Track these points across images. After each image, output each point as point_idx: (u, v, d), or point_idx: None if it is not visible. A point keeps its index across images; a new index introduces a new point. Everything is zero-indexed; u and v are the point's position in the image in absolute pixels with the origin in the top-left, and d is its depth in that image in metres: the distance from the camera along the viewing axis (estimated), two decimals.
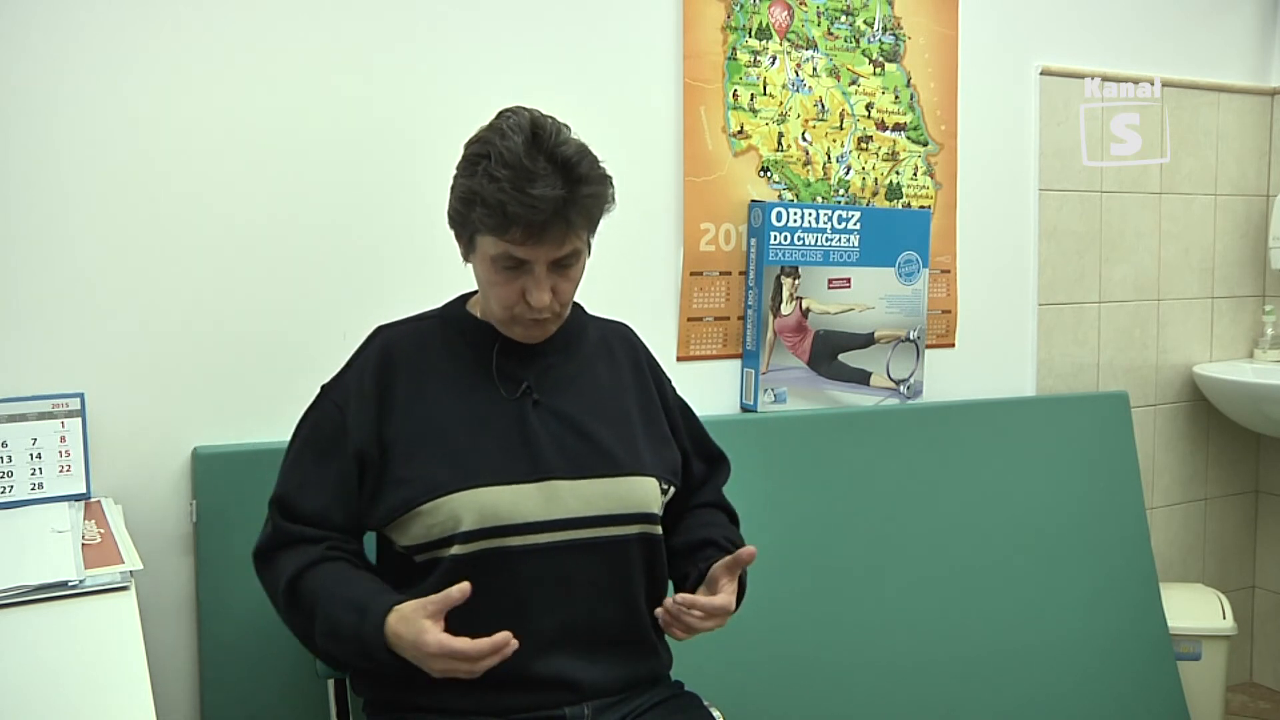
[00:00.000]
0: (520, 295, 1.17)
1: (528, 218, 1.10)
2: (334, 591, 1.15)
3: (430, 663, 1.08)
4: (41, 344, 1.47)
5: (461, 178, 1.18)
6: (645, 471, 1.26)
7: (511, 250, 1.14)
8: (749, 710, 1.73)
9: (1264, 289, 2.64)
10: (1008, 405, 2.21)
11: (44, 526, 1.30)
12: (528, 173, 1.10)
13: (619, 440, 1.26)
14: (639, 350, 1.39)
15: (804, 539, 1.90)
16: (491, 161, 1.12)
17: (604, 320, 1.39)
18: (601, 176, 1.17)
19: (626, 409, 1.30)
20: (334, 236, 1.63)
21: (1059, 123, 2.31)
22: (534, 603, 1.19)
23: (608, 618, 1.23)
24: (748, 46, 1.94)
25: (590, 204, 1.15)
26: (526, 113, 1.16)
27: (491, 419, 1.22)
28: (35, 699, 0.85)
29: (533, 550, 1.18)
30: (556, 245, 1.15)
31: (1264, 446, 2.66)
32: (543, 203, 1.10)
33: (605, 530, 1.22)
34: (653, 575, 1.29)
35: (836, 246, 1.99)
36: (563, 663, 1.20)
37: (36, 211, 1.46)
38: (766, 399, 1.96)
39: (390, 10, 1.66)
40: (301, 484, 1.22)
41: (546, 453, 1.21)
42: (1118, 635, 2.17)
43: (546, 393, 1.25)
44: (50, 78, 1.45)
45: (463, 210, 1.17)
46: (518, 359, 1.25)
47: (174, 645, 1.55)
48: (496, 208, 1.11)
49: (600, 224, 1.22)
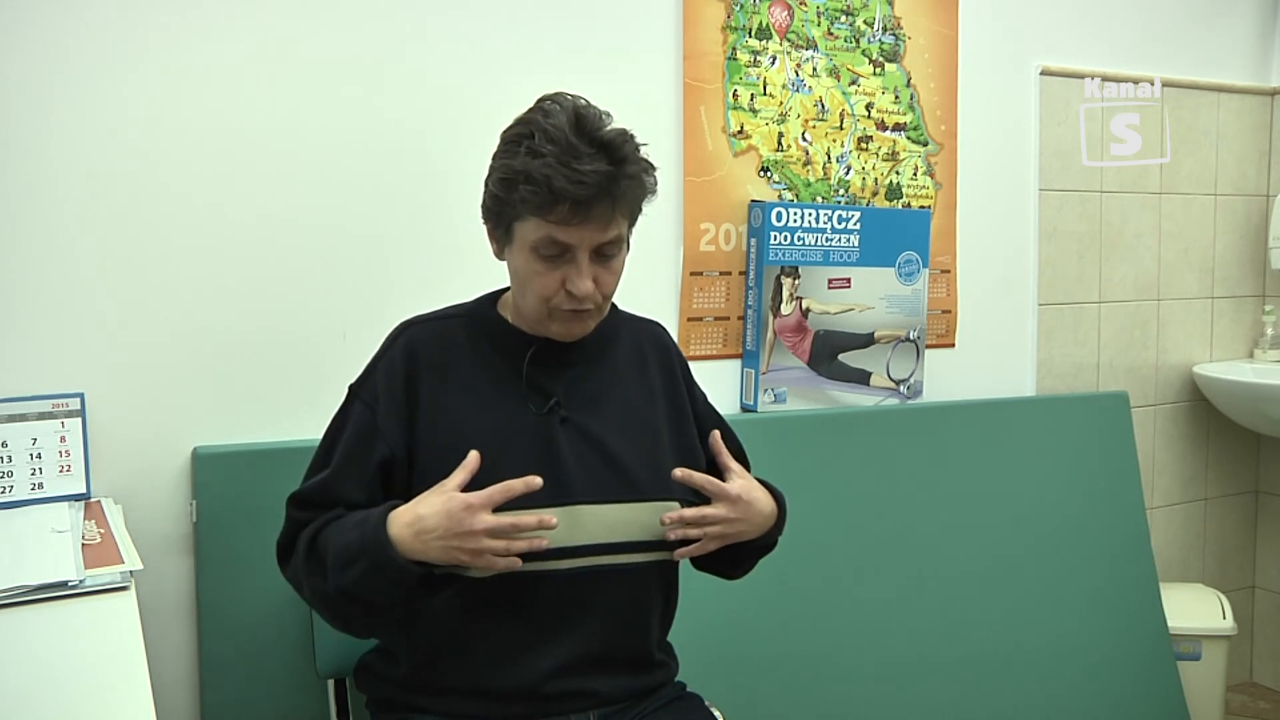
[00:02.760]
0: (560, 284, 1.13)
1: (575, 194, 1.07)
2: (341, 524, 1.12)
3: (447, 519, 1.05)
4: (41, 344, 1.47)
5: (501, 159, 1.14)
6: (672, 495, 1.21)
7: (555, 233, 1.10)
8: (750, 710, 1.73)
9: (1264, 289, 2.64)
10: (1008, 405, 2.21)
11: (44, 526, 1.29)
12: (574, 149, 1.08)
13: (645, 461, 1.22)
14: (673, 353, 1.34)
15: (804, 539, 1.89)
16: (535, 140, 1.09)
17: (637, 319, 1.35)
18: (644, 161, 1.14)
19: (655, 424, 1.26)
20: (334, 236, 1.63)
21: (1059, 123, 2.31)
22: (549, 626, 1.18)
23: (621, 641, 1.22)
24: (748, 46, 1.94)
25: (635, 186, 1.13)
26: (569, 98, 1.14)
27: (518, 436, 1.18)
28: (35, 699, 0.85)
29: (552, 575, 1.16)
30: (601, 227, 1.11)
31: (1264, 446, 2.66)
32: (590, 178, 1.07)
33: (626, 557, 1.19)
34: (667, 598, 1.29)
35: (836, 246, 1.99)
36: (572, 681, 1.19)
37: (37, 212, 1.46)
38: (766, 399, 1.96)
39: (390, 12, 1.66)
40: (326, 481, 1.17)
41: (571, 475, 1.17)
42: (1118, 635, 2.17)
43: (575, 408, 1.21)
44: (50, 78, 1.45)
45: (502, 194, 1.12)
46: (547, 370, 1.21)
47: (174, 645, 1.55)
48: (543, 182, 1.07)
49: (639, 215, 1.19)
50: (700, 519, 1.17)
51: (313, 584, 1.14)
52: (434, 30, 1.69)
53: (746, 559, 1.30)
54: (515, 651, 1.17)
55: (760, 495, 1.23)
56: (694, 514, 1.17)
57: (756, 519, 1.22)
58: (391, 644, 1.24)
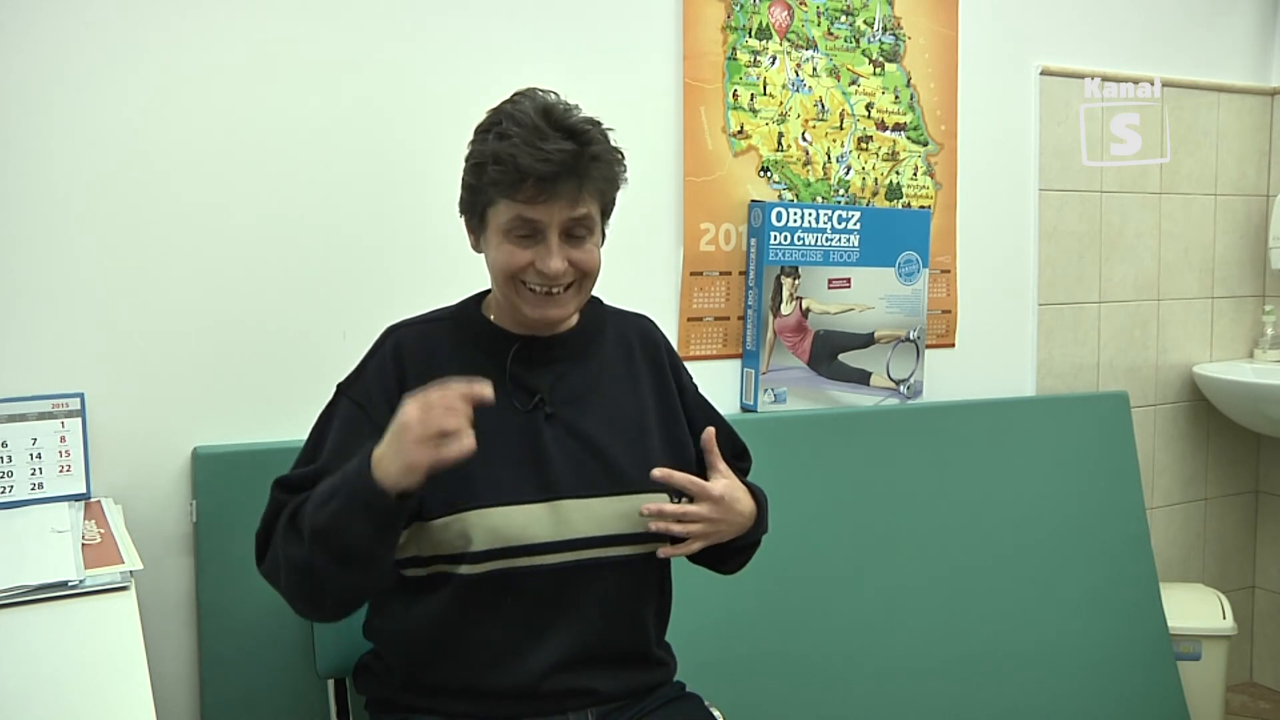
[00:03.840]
0: (530, 263, 1.14)
1: (540, 170, 1.09)
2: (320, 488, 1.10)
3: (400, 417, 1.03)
4: (41, 344, 1.47)
5: (472, 147, 1.17)
6: (658, 488, 1.21)
7: (523, 211, 1.12)
8: (749, 710, 1.73)
9: (1264, 289, 2.64)
10: (1008, 405, 2.21)
11: (44, 526, 1.30)
12: (540, 130, 1.10)
13: (632, 455, 1.22)
14: (660, 346, 1.34)
15: (804, 539, 1.90)
16: (503, 124, 1.12)
17: (623, 314, 1.35)
18: (612, 147, 1.16)
19: (643, 417, 1.27)
20: (334, 236, 1.63)
21: (1059, 123, 2.31)
22: (541, 622, 1.18)
23: (615, 636, 1.22)
24: (748, 46, 1.94)
25: (601, 167, 1.14)
26: (541, 92, 1.16)
27: (503, 433, 1.18)
28: (35, 699, 0.85)
29: (541, 571, 1.16)
30: (569, 205, 1.12)
31: (1264, 446, 2.66)
32: (556, 155, 1.09)
33: (615, 550, 1.20)
34: (661, 591, 1.29)
35: (836, 246, 1.99)
36: (569, 678, 1.19)
37: (37, 211, 1.46)
38: (766, 399, 1.96)
39: (389, 12, 1.66)
40: (316, 471, 1.15)
41: (557, 471, 1.18)
42: (1118, 635, 2.17)
43: (560, 405, 1.22)
44: (50, 78, 1.45)
45: (473, 180, 1.15)
46: (532, 367, 1.22)
47: (174, 645, 1.55)
48: (509, 161, 1.09)
49: (613, 208, 1.20)
50: (682, 515, 1.17)
51: (289, 553, 1.10)
52: (434, 30, 1.69)
53: (731, 557, 1.30)
54: (509, 650, 1.17)
55: (741, 495, 1.24)
56: (675, 509, 1.17)
57: (737, 519, 1.22)
58: (384, 648, 1.24)
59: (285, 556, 1.11)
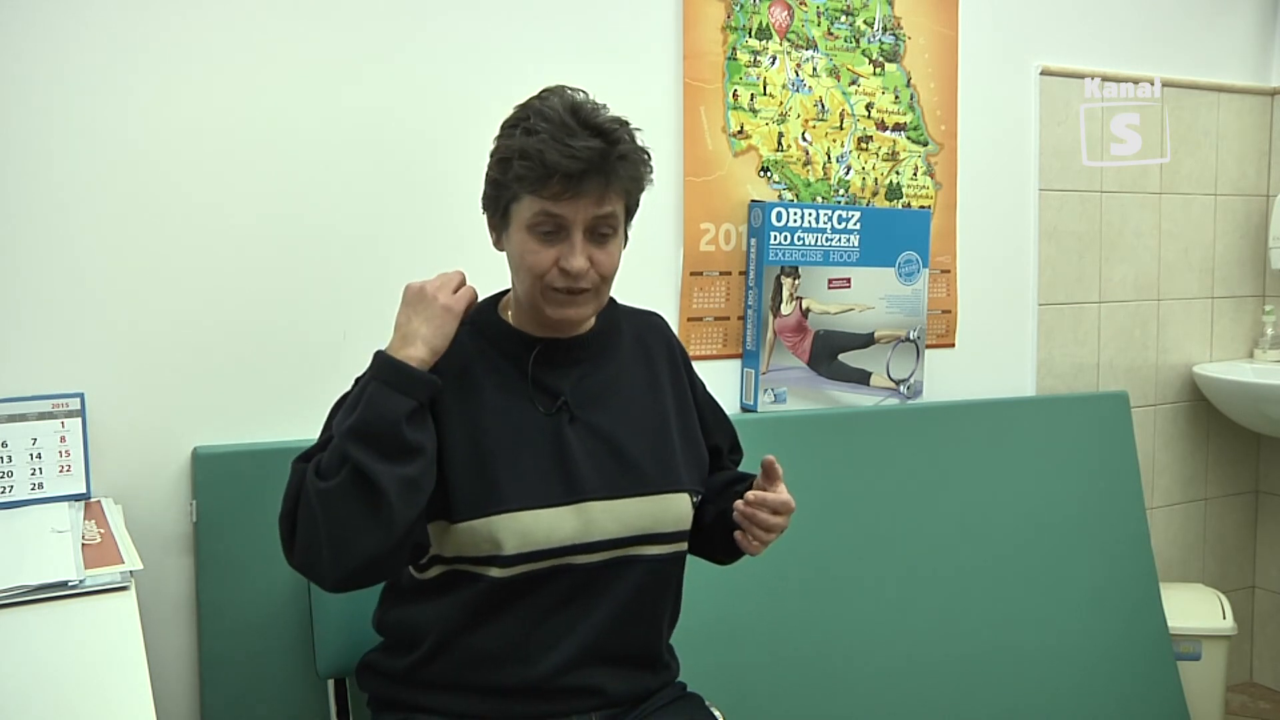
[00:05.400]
0: (554, 262, 1.13)
1: (567, 167, 1.09)
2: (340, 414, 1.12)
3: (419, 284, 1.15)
4: (41, 344, 1.47)
5: (499, 142, 1.17)
6: (680, 487, 1.23)
7: (549, 207, 1.11)
8: (750, 710, 1.73)
9: (1264, 289, 2.64)
10: (1008, 405, 2.21)
11: (44, 526, 1.29)
12: (568, 127, 1.11)
13: (654, 454, 1.23)
14: (673, 344, 1.36)
15: (804, 539, 1.89)
16: (531, 120, 1.12)
17: (637, 312, 1.36)
18: (639, 147, 1.17)
19: (663, 415, 1.27)
20: (334, 236, 1.63)
21: (1059, 123, 2.31)
22: (561, 620, 1.19)
23: (629, 635, 1.23)
24: (748, 46, 1.94)
25: (628, 166, 1.14)
26: (570, 90, 1.17)
27: (528, 437, 1.19)
28: (35, 699, 0.85)
29: (566, 570, 1.18)
30: (595, 202, 1.12)
31: (1264, 446, 2.66)
32: (583, 152, 1.09)
33: (638, 549, 1.21)
34: (676, 594, 1.30)
35: (836, 246, 1.99)
36: (581, 676, 1.20)
37: (37, 211, 1.46)
38: (766, 399, 1.96)
39: (390, 12, 1.66)
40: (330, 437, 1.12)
41: (582, 472, 1.19)
42: (1118, 635, 2.17)
43: (582, 406, 1.22)
44: (51, 78, 1.45)
45: (499, 175, 1.15)
46: (553, 369, 1.22)
47: (174, 645, 1.55)
48: (536, 156, 1.09)
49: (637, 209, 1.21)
50: (783, 506, 1.18)
51: (324, 490, 1.06)
52: (434, 30, 1.69)
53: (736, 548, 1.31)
54: (526, 647, 1.18)
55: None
56: (777, 500, 1.18)
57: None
58: (395, 642, 1.24)
59: (321, 495, 1.06)
